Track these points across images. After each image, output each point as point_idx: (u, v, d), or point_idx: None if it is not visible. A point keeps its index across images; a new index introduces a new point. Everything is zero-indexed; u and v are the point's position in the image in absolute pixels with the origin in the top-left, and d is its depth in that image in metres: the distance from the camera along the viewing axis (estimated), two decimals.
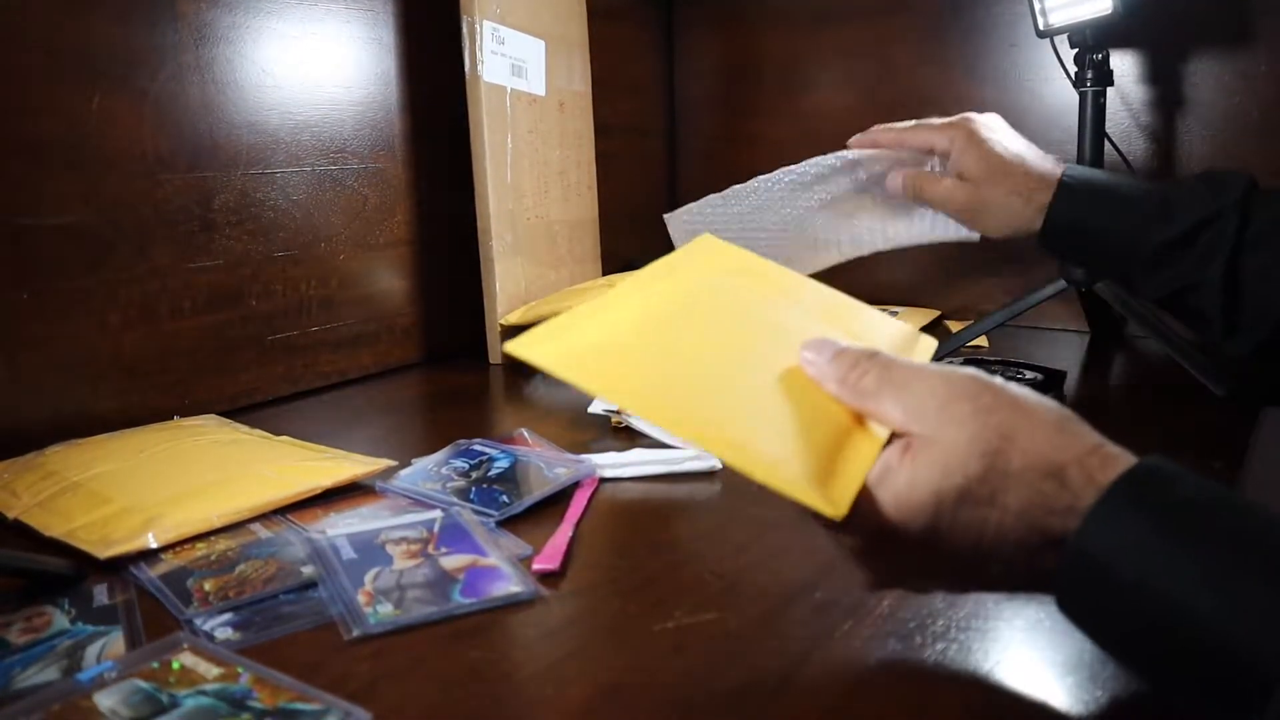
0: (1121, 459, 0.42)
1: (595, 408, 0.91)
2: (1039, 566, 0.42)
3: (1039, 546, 0.41)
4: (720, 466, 0.78)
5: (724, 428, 0.43)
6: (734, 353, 0.50)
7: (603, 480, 0.77)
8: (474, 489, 0.73)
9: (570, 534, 0.65)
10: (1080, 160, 1.17)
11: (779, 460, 0.42)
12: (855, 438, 0.46)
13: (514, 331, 1.20)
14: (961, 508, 0.42)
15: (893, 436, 0.45)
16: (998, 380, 0.44)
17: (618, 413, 0.89)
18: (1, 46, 0.81)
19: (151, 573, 0.60)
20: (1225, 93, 1.25)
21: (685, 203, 0.98)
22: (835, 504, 0.41)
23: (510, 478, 0.75)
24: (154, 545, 0.62)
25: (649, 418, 0.44)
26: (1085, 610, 0.41)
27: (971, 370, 0.45)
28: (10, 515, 0.69)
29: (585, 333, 0.46)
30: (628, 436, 0.87)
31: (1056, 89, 1.34)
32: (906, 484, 0.42)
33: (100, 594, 0.58)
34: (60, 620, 0.55)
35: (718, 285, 0.56)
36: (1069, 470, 0.41)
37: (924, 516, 0.42)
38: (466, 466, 0.77)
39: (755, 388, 0.47)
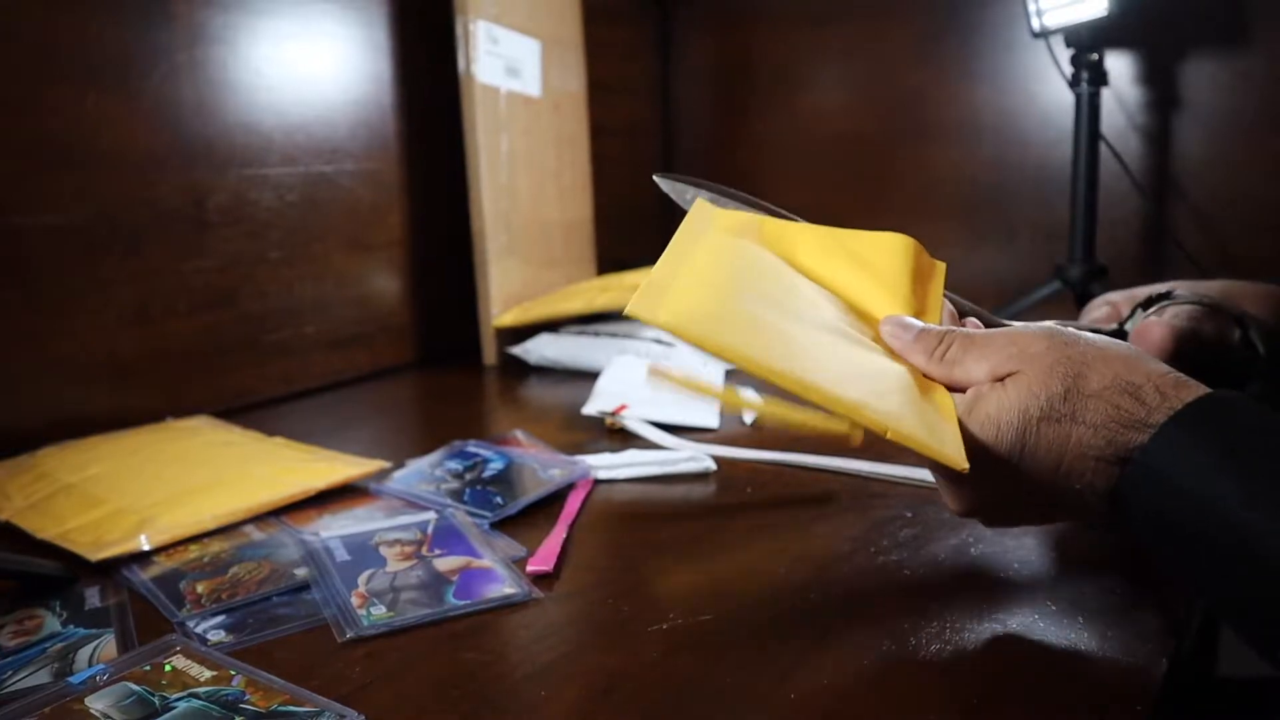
0: (1195, 385, 0.46)
1: (589, 409, 0.91)
2: (1111, 485, 0.46)
3: (1113, 461, 0.45)
4: (715, 468, 0.78)
5: (845, 389, 0.46)
6: (807, 315, 0.51)
7: (597, 481, 0.76)
8: (468, 490, 0.72)
9: (564, 535, 0.65)
10: (1076, 160, 1.17)
11: (901, 417, 0.46)
12: (933, 393, 0.50)
13: (508, 332, 1.20)
14: (1044, 424, 0.46)
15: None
16: (1069, 328, 0.50)
17: (612, 414, 0.89)
18: None
19: (144, 575, 0.60)
20: (1221, 93, 1.26)
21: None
22: (957, 458, 0.46)
23: (504, 479, 0.75)
24: (146, 547, 0.62)
25: (780, 381, 0.45)
26: (1143, 516, 0.45)
27: (1041, 323, 0.51)
28: (2, 517, 0.69)
29: (694, 291, 0.48)
30: (622, 438, 0.87)
31: (1052, 89, 1.34)
32: (996, 406, 0.47)
33: (92, 596, 0.58)
34: (52, 623, 0.54)
35: (749, 250, 0.56)
36: (1144, 388, 0.45)
37: (1011, 433, 0.47)
38: (461, 468, 0.77)
39: (844, 348, 0.50)
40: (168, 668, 0.48)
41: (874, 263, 0.58)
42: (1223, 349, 0.71)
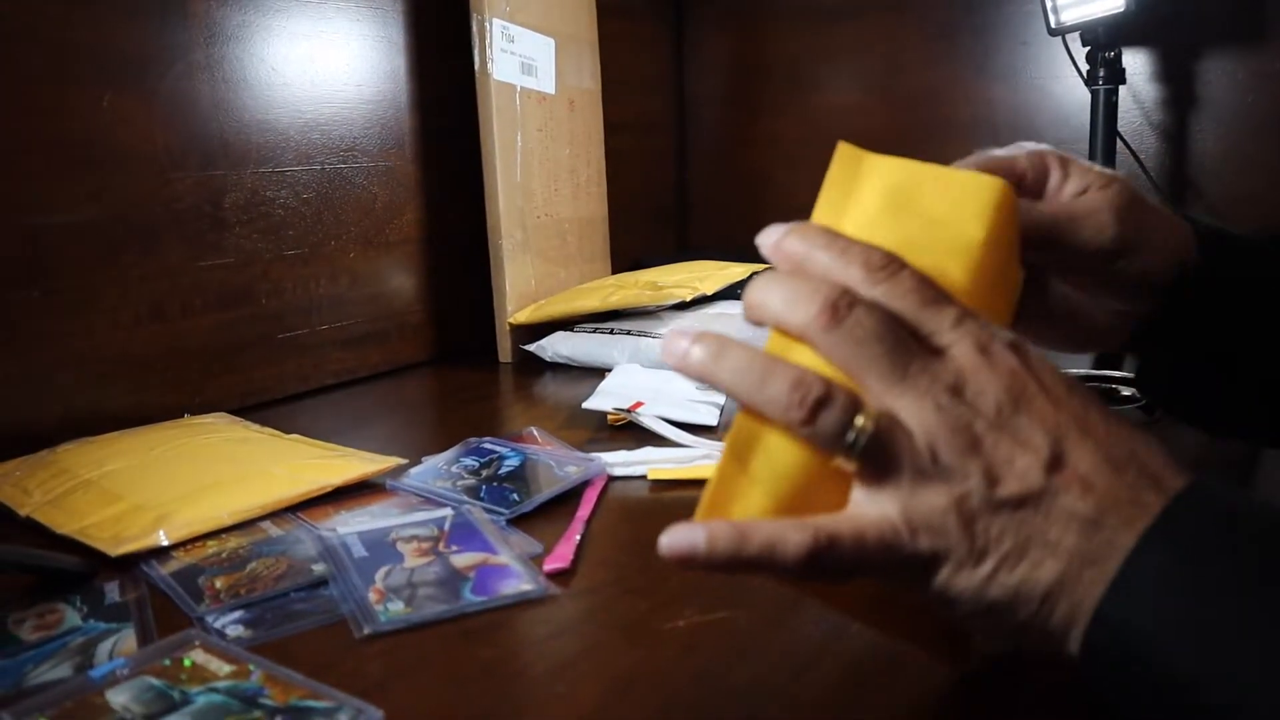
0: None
1: (590, 404, 0.91)
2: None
3: None
4: None
5: None
6: None
7: (612, 478, 0.77)
8: (484, 487, 0.73)
9: (581, 532, 0.65)
10: (1092, 158, 1.16)
11: None
12: None
13: (523, 329, 1.20)
14: None
15: None
16: None
17: (627, 411, 0.89)
18: (12, 45, 0.82)
19: (163, 570, 0.60)
20: (1239, 91, 1.25)
21: (695, 201, 0.97)
22: None
23: (520, 476, 0.75)
24: (165, 543, 0.63)
25: None
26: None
27: None
28: (22, 512, 0.69)
29: None
30: (630, 434, 0.87)
31: (1068, 87, 1.34)
32: None
33: (112, 591, 0.58)
34: (72, 617, 0.55)
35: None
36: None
37: None
38: (477, 464, 0.77)
39: None
40: (187, 662, 0.48)
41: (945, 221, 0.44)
42: None
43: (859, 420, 0.36)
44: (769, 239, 0.41)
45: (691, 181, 1.73)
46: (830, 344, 0.37)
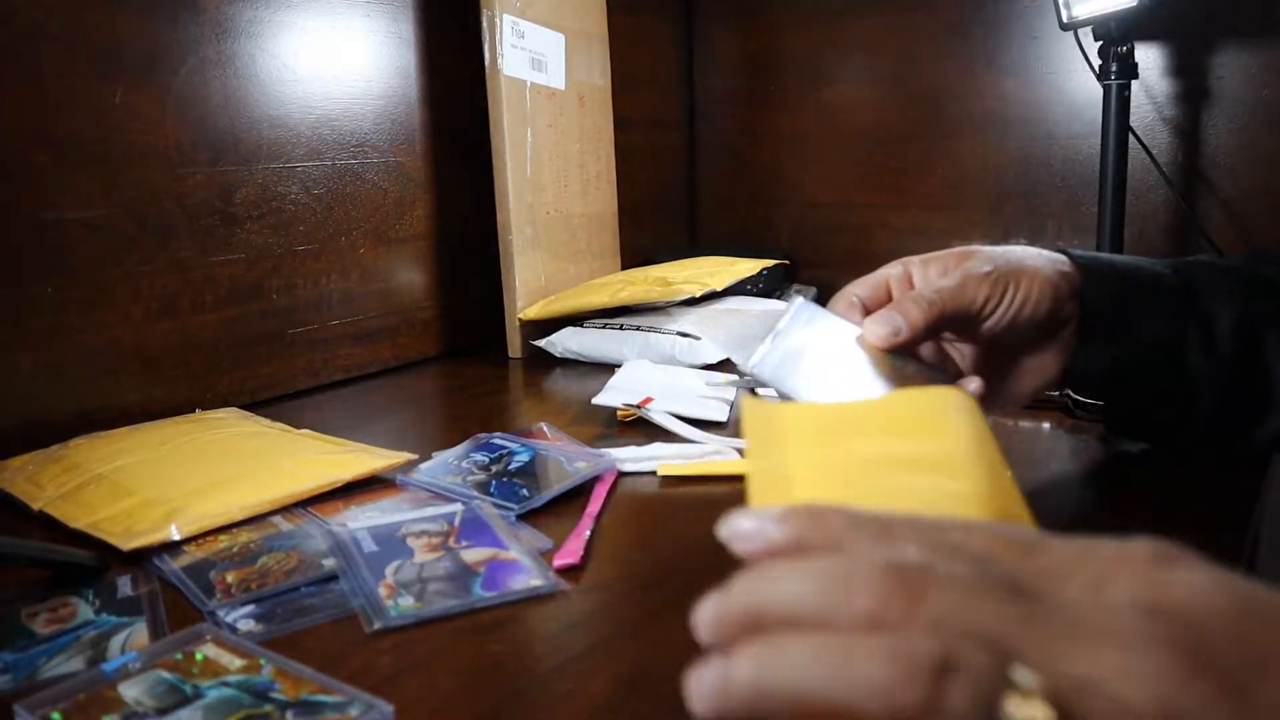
0: None
1: (601, 399, 0.91)
2: None
3: None
4: (740, 460, 0.78)
5: None
6: None
7: (622, 474, 0.77)
8: (494, 482, 0.73)
9: (590, 528, 0.65)
10: (1104, 154, 1.16)
11: None
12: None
13: (533, 325, 1.20)
14: None
15: None
16: None
17: (637, 406, 0.89)
18: (25, 41, 0.82)
19: (174, 564, 0.60)
20: (1252, 86, 1.24)
21: (705, 197, 0.97)
22: None
23: (530, 471, 0.75)
24: (177, 537, 0.63)
25: None
26: None
27: None
28: (35, 506, 0.70)
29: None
30: (639, 429, 0.87)
31: (1080, 82, 1.33)
32: None
33: (124, 585, 0.58)
34: (85, 611, 0.55)
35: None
36: None
37: None
38: (486, 460, 0.77)
39: None
40: (199, 656, 0.48)
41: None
42: None
43: (1023, 681, 0.24)
44: (739, 529, 0.34)
45: (701, 177, 1.72)
46: (926, 619, 0.27)
